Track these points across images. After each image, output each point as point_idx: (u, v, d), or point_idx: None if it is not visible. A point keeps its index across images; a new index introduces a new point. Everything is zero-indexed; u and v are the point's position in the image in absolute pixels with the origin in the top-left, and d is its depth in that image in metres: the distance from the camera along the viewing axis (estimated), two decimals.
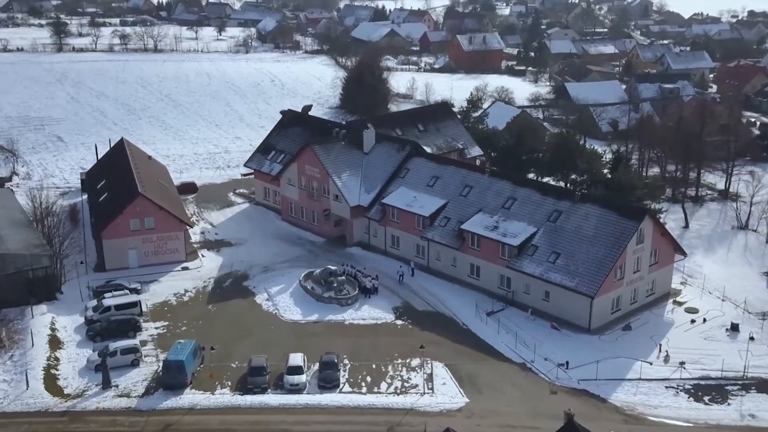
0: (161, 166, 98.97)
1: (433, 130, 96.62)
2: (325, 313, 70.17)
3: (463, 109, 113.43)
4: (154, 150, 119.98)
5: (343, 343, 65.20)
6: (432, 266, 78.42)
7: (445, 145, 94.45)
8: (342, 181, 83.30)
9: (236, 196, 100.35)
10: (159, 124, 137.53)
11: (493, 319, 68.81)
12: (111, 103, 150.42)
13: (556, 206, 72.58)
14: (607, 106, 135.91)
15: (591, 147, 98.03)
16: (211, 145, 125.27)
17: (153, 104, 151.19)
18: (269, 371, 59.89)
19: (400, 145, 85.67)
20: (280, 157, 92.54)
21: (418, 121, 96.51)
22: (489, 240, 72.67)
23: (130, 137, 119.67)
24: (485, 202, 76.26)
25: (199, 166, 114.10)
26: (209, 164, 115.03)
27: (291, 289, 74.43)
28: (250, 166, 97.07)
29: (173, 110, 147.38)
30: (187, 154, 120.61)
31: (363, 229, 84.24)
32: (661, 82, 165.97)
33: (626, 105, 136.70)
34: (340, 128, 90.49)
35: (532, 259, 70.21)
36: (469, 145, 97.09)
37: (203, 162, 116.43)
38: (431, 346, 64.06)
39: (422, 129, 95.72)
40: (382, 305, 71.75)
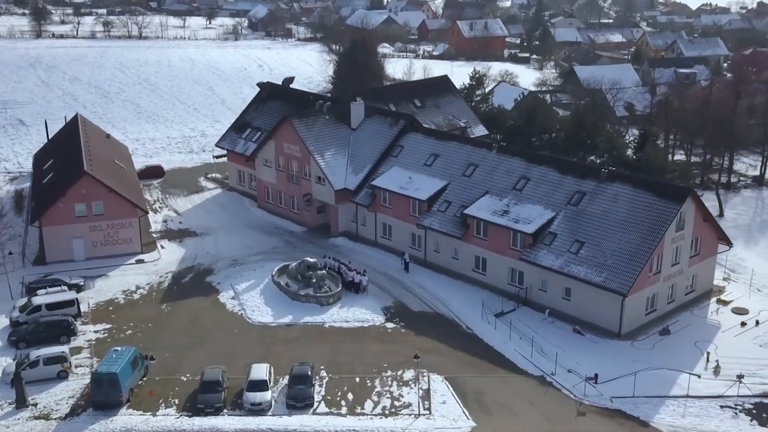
0: (121, 146, 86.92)
1: (432, 107, 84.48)
2: (301, 315, 58.07)
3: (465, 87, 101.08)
4: (124, 133, 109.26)
5: (321, 351, 53.16)
6: (430, 259, 66.31)
7: (445, 123, 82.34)
8: (325, 161, 71.19)
9: (207, 181, 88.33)
10: (133, 108, 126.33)
11: (504, 322, 56.70)
12: (83, 87, 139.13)
13: (578, 186, 60.47)
14: (622, 89, 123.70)
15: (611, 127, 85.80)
16: (187, 129, 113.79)
17: (129, 88, 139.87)
18: (226, 386, 47.82)
19: (392, 119, 73.54)
20: (256, 136, 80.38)
21: (415, 96, 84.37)
22: (498, 227, 60.56)
23: (99, 121, 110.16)
24: (493, 182, 64.16)
25: (171, 150, 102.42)
26: (182, 148, 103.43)
27: (262, 285, 62.33)
28: (222, 146, 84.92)
29: (150, 94, 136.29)
30: (159, 137, 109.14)
31: (350, 217, 72.15)
32: (675, 66, 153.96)
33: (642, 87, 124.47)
34: (324, 101, 78.27)
35: (549, 249, 58.12)
36: (473, 124, 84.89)
37: (176, 146, 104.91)
38: (428, 355, 52.03)
39: (419, 105, 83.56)
40: (369, 305, 59.67)
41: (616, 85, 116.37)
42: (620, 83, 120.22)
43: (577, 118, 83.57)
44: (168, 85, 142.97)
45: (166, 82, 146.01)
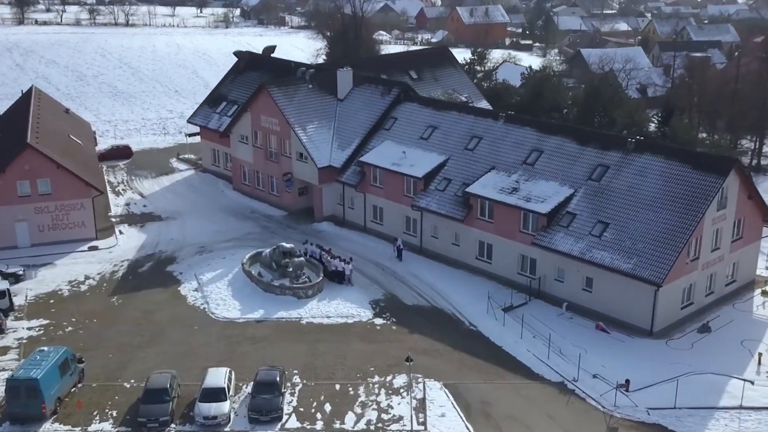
0: (82, 123, 77.82)
1: (430, 79, 75.36)
2: (275, 309, 49.00)
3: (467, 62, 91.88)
4: (96, 115, 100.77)
5: (296, 352, 44.12)
6: (426, 246, 57.27)
7: (444, 97, 73.11)
8: (307, 135, 62.09)
9: (179, 161, 79.26)
10: (109, 90, 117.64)
11: (513, 318, 47.65)
12: (60, 70, 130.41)
13: (600, 159, 51.45)
14: (634, 69, 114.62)
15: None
16: (165, 111, 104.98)
17: (108, 71, 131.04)
18: (175, 395, 38.75)
19: (384, 88, 64.41)
20: (232, 109, 71.18)
21: (411, 67, 75.21)
22: (506, 207, 51.52)
23: (70, 102, 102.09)
24: (500, 156, 55.13)
25: (145, 132, 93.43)
26: (157, 130, 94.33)
27: (230, 275, 53.28)
28: (194, 122, 75.77)
29: (130, 77, 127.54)
30: (133, 119, 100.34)
31: (335, 199, 63.07)
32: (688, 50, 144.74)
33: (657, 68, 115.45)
34: (307, 68, 69.12)
35: (567, 232, 49.08)
36: (475, 99, 75.70)
37: (151, 127, 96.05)
38: (424, 357, 43.08)
39: (415, 77, 74.39)
40: (355, 297, 50.64)
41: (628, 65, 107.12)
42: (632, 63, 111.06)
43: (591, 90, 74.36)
44: (150, 69, 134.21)
45: (148, 65, 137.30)
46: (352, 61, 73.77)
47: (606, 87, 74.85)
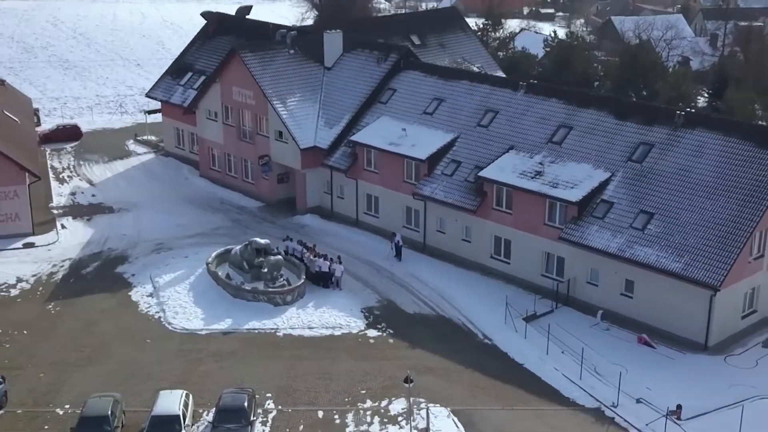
0: (21, 98, 74.66)
1: (435, 45, 72.20)
2: (245, 318, 45.77)
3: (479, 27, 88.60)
4: (42, 92, 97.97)
5: (270, 370, 40.93)
6: (431, 242, 54.05)
7: (453, 65, 69.86)
8: (288, 110, 58.88)
9: (137, 144, 76.07)
10: (59, 63, 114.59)
11: (537, 329, 44.42)
12: (3, 41, 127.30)
13: (643, 136, 48.25)
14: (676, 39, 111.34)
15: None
16: (124, 86, 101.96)
17: (60, 43, 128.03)
18: (117, 426, 35.49)
19: (381, 54, 61.19)
20: (198, 81, 67.94)
21: (413, 31, 72.04)
22: (528, 195, 48.29)
23: (14, 78, 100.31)
24: (520, 134, 51.91)
25: (99, 110, 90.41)
26: (114, 108, 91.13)
27: (193, 277, 50.08)
28: (154, 95, 72.57)
29: (84, 49, 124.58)
30: (86, 96, 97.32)
31: (322, 186, 59.91)
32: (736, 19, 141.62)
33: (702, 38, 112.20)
34: (288, 30, 65.87)
35: (603, 224, 45.86)
36: (489, 69, 72.47)
37: (107, 105, 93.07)
38: (427, 377, 39.88)
39: (418, 43, 71.21)
40: (344, 304, 47.41)
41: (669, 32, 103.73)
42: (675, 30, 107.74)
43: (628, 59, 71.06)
44: (108, 40, 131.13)
45: (106, 36, 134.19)
46: (342, 23, 70.53)
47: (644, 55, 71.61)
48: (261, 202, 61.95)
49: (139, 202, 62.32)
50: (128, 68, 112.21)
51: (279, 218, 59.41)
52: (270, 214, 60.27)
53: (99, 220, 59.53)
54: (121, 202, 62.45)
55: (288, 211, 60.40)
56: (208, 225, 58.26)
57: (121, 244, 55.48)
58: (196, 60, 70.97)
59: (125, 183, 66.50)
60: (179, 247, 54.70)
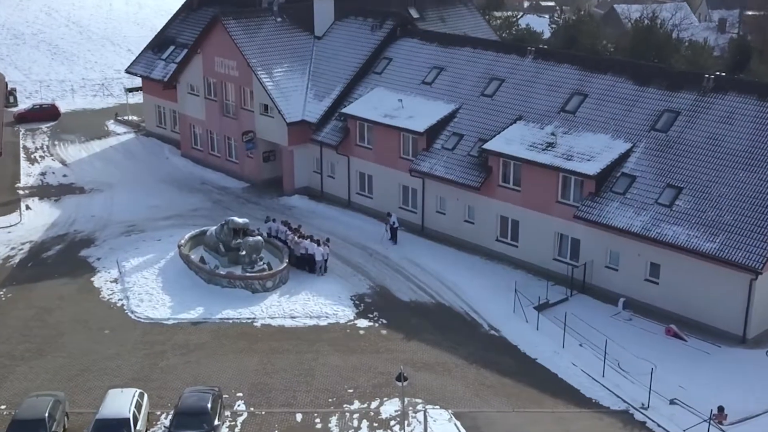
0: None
1: (435, 19, 65.32)
2: (219, 306, 39.15)
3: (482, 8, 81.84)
4: (26, 75, 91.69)
5: (243, 366, 34.35)
6: (430, 224, 47.48)
7: None
8: (274, 81, 52.27)
9: (118, 124, 69.48)
10: (48, 49, 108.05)
11: (550, 319, 37.85)
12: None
13: (667, 102, 41.64)
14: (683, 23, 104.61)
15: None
16: (112, 71, 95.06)
17: (52, 30, 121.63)
18: (58, 430, 28.96)
19: (375, 21, 54.54)
20: (181, 56, 61.22)
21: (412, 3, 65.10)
22: (538, 169, 41.67)
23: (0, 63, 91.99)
24: (529, 103, 45.30)
25: (84, 93, 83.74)
26: (98, 91, 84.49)
27: (163, 261, 43.49)
28: (134, 71, 66.01)
29: (76, 36, 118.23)
30: (72, 79, 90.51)
31: (311, 165, 53.35)
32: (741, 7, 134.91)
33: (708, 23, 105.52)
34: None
35: (624, 200, 39.27)
36: None
37: (92, 88, 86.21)
38: (425, 374, 33.41)
39: (417, 16, 64.34)
40: (331, 291, 40.79)
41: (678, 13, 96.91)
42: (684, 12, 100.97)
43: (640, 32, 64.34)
44: (102, 28, 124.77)
45: (100, 24, 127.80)
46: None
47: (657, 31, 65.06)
48: (245, 183, 55.38)
49: (113, 183, 55.76)
50: (118, 53, 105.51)
51: (264, 199, 52.81)
52: (254, 195, 53.67)
53: (68, 200, 52.96)
54: (93, 183, 55.88)
55: (274, 192, 53.81)
56: (186, 206, 51.65)
57: (89, 226, 48.90)
58: (179, 33, 64.24)
59: (101, 163, 59.92)
60: (153, 229, 48.09)
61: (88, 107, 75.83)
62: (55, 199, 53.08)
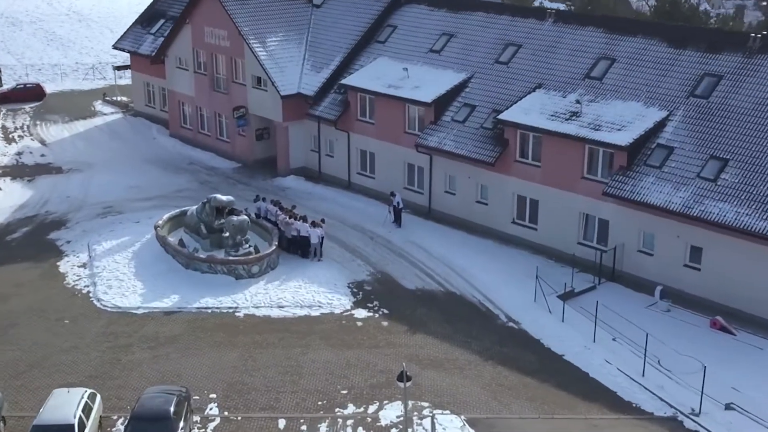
0: None
1: None
2: (197, 294, 33.52)
3: None
4: (18, 59, 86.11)
5: (221, 362, 28.71)
6: (438, 206, 41.76)
7: None
8: (268, 51, 46.64)
9: (106, 104, 63.95)
10: (44, 35, 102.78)
11: (577, 309, 32.12)
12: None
13: (707, 65, 35.82)
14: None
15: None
16: (108, 55, 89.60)
17: (50, 18, 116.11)
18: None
19: None
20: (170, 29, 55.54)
21: None
22: (562, 140, 35.91)
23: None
24: (549, 70, 39.52)
25: (76, 76, 78.28)
26: (92, 75, 79.09)
27: (138, 244, 37.88)
28: (121, 46, 60.61)
29: (75, 24, 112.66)
30: (65, 63, 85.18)
31: (308, 143, 47.70)
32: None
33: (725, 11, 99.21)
34: None
35: (661, 175, 33.51)
36: None
37: (84, 71, 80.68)
38: (432, 372, 27.79)
39: None
40: (326, 277, 35.08)
41: None
42: None
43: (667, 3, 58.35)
44: (101, 16, 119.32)
45: (100, 12, 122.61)
46: None
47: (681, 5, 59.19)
48: (237, 163, 49.76)
49: (94, 163, 50.18)
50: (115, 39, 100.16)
51: (256, 180, 47.10)
52: (246, 175, 48.01)
53: (42, 181, 47.39)
54: (72, 163, 50.31)
55: (268, 172, 48.14)
56: (171, 187, 45.99)
57: (62, 207, 43.32)
58: (170, 6, 58.41)
59: (83, 143, 54.32)
60: (132, 210, 42.47)
61: (76, 88, 70.37)
62: (29, 180, 47.52)
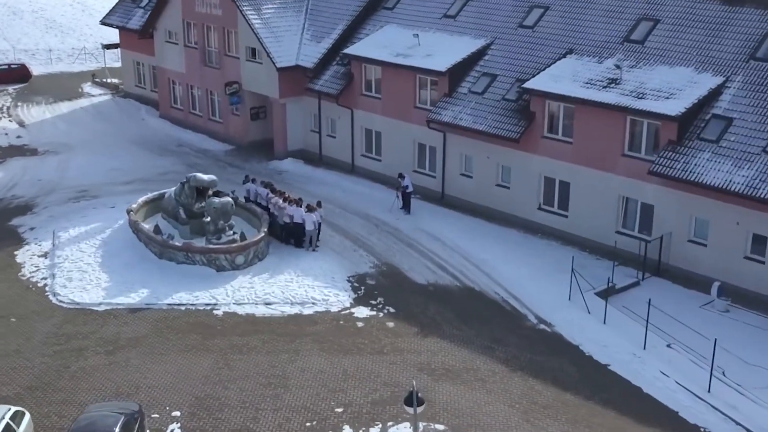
0: None
1: None
2: (171, 288, 27.84)
3: None
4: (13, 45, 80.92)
5: (190, 371, 23.03)
6: (452, 191, 35.95)
7: None
8: (264, 19, 40.93)
9: (95, 86, 58.44)
10: (44, 23, 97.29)
11: (620, 309, 26.23)
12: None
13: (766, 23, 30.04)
14: None
15: None
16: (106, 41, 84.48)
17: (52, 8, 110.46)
18: None
19: None
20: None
21: None
22: (598, 111, 30.07)
23: None
24: (581, 33, 33.67)
25: (70, 61, 72.92)
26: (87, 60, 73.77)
27: (110, 231, 32.29)
28: (109, 22, 55.17)
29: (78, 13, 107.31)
30: (60, 48, 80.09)
31: (307, 122, 42.00)
32: None
33: None
34: None
35: (718, 150, 27.62)
36: None
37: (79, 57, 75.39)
38: (448, 385, 22.01)
39: None
40: (323, 270, 29.30)
41: None
42: None
43: None
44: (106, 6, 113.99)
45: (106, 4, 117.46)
46: None
47: None
48: (231, 145, 44.10)
49: (73, 145, 44.59)
50: None
51: (250, 163, 41.36)
52: (239, 158, 42.31)
53: (14, 163, 41.82)
54: (49, 145, 44.74)
55: (263, 155, 42.45)
56: (154, 170, 40.31)
57: (32, 191, 37.76)
58: None
59: (64, 124, 48.76)
60: (108, 194, 36.86)
61: (66, 70, 65.06)
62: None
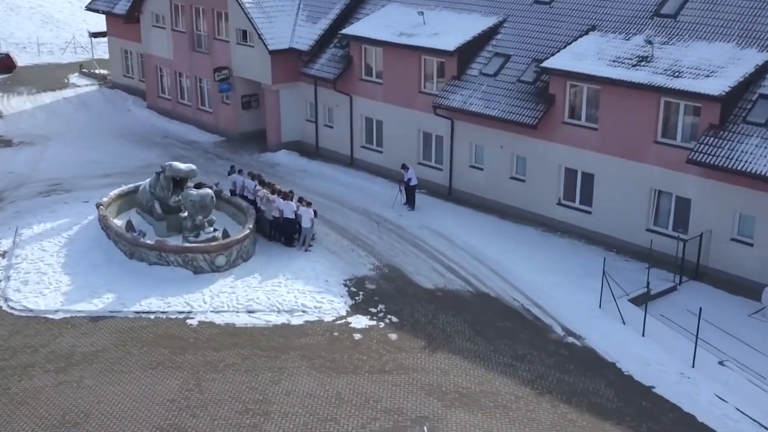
0: None
1: None
2: (140, 293, 23.71)
3: None
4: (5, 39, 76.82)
5: (155, 394, 18.81)
6: (460, 185, 31.83)
7: None
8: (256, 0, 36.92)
9: (82, 76, 54.49)
10: (40, 18, 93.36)
11: (660, 319, 22.07)
12: None
13: None
14: None
15: None
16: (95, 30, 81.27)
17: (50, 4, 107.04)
18: None
19: None
20: None
21: None
22: (627, 92, 25.93)
23: None
24: (605, 8, 29.51)
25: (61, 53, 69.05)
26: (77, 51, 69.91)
27: (77, 227, 28.22)
28: (95, 6, 51.31)
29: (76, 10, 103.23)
30: (51, 41, 75.96)
31: (303, 111, 37.90)
32: None
33: None
34: None
35: (766, 136, 23.47)
36: None
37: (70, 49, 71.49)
38: (461, 412, 17.78)
39: None
40: (316, 272, 25.14)
41: None
42: None
43: None
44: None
45: None
46: None
47: None
48: (221, 137, 40.03)
49: (51, 136, 40.52)
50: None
51: (241, 155, 37.27)
52: (228, 150, 38.20)
53: None
54: (25, 136, 40.65)
55: (255, 147, 38.38)
56: (136, 162, 36.17)
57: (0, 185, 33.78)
58: None
59: (45, 115, 44.66)
60: (83, 188, 32.78)
61: (54, 61, 61.08)
62: None
